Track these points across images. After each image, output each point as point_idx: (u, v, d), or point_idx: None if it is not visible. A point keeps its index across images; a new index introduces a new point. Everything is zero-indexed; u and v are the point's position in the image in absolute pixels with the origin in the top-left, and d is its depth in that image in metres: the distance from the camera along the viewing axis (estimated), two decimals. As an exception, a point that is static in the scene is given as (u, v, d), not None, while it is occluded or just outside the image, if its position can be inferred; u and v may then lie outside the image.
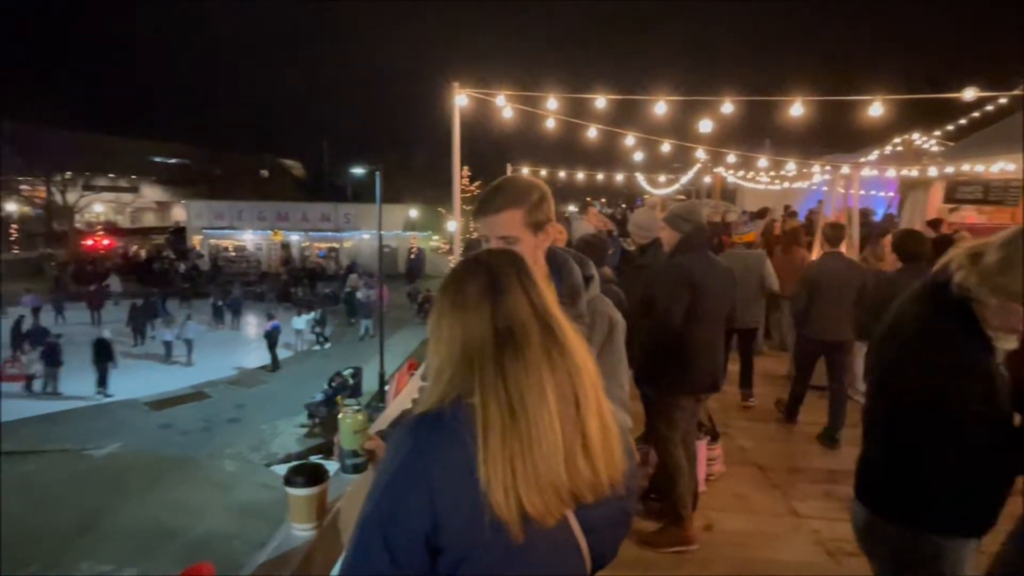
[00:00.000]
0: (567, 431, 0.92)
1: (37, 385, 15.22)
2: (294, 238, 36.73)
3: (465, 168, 28.88)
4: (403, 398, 2.80)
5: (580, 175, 12.25)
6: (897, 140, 9.37)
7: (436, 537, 0.88)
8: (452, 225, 27.48)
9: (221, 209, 38.18)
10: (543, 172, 10.72)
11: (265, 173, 54.22)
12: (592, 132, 5.47)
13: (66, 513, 9.76)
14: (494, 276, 1.00)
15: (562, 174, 11.97)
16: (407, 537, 0.88)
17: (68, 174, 44.96)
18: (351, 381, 14.69)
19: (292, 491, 1.50)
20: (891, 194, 10.36)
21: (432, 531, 0.87)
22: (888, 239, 5.29)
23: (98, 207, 49.56)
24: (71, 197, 45.43)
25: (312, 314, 20.64)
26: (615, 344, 1.57)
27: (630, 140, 5.97)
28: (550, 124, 5.22)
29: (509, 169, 10.62)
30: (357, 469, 1.66)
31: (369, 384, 15.60)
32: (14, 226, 38.81)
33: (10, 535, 8.86)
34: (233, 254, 37.12)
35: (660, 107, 4.90)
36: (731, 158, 10.73)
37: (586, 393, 0.96)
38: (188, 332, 18.26)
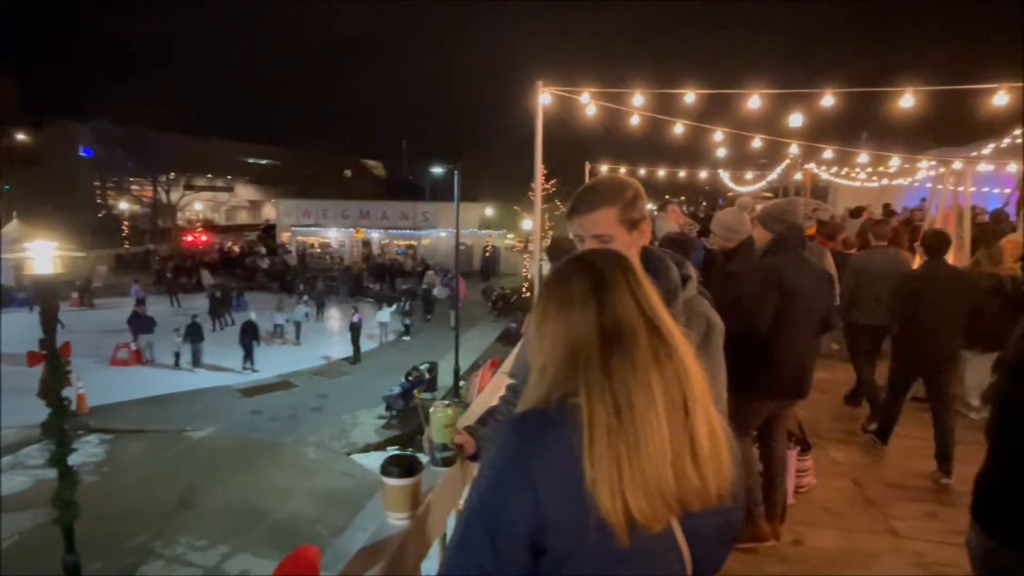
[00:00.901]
0: (675, 436, 0.90)
1: (185, 359, 17.24)
2: (374, 235, 37.97)
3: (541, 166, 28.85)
4: (487, 395, 2.81)
5: (660, 173, 11.95)
6: (1017, 131, 8.55)
7: (541, 536, 0.87)
8: (528, 224, 27.56)
9: (308, 207, 39.98)
10: (622, 170, 10.55)
11: (349, 173, 56.34)
12: (679, 128, 5.32)
13: (167, 489, 10.51)
14: (600, 275, 0.99)
15: (642, 172, 11.74)
16: (512, 534, 0.88)
17: (172, 175, 48.40)
18: (427, 376, 15.01)
19: (388, 481, 1.52)
20: (1007, 191, 9.48)
21: (537, 530, 0.87)
22: (1007, 241, 4.84)
23: (197, 205, 53.10)
24: (174, 196, 48.87)
25: (395, 306, 21.50)
26: (712, 347, 1.52)
27: (719, 136, 5.75)
28: (634, 121, 5.11)
29: (587, 167, 10.50)
30: (447, 462, 1.70)
31: (443, 379, 15.92)
32: (126, 223, 42.08)
33: (121, 507, 9.66)
34: (318, 250, 38.78)
35: (754, 101, 4.68)
36: (828, 153, 10.14)
37: (695, 398, 0.94)
38: (297, 315, 20.65)
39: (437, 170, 19.66)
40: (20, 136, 32.81)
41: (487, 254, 35.12)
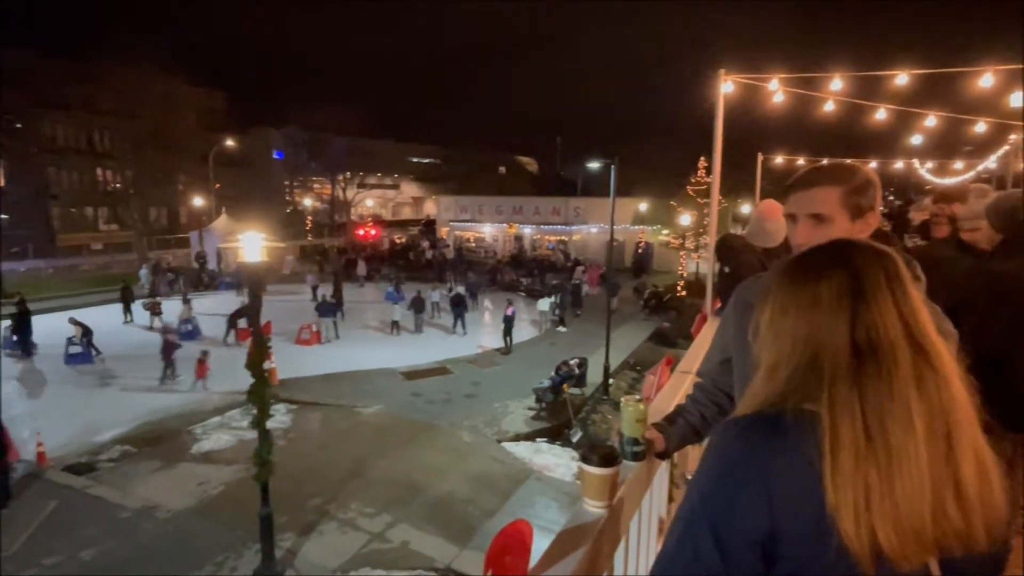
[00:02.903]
0: (935, 471, 0.81)
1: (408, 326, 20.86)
2: (527, 231, 38.83)
3: (702, 159, 27.57)
4: (668, 393, 2.72)
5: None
6: None
7: (773, 544, 0.83)
8: (685, 219, 26.54)
9: (465, 203, 41.89)
10: (801, 161, 9.70)
11: (503, 170, 58.15)
12: (880, 114, 4.74)
13: (341, 458, 11.58)
14: (857, 276, 0.89)
15: (824, 163, 10.69)
16: (741, 539, 0.84)
17: (347, 174, 53.23)
18: (577, 371, 15.03)
19: (589, 468, 1.54)
20: None
21: (769, 537, 0.83)
22: None
23: (368, 202, 57.87)
24: (349, 193, 53.70)
25: (553, 298, 22.00)
26: None
27: (931, 121, 5.05)
28: (828, 107, 4.64)
29: (760, 160, 9.80)
30: (636, 457, 1.70)
31: (593, 375, 15.86)
32: (309, 217, 47.00)
33: (300, 470, 10.79)
34: (473, 244, 40.48)
35: (986, 80, 4.03)
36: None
37: (961, 430, 0.83)
38: (399, 297, 22.84)
39: (593, 165, 19.55)
40: (229, 142, 37.99)
41: (639, 251, 34.39)
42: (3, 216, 34.75)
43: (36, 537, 8.78)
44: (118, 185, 38.38)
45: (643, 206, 35.29)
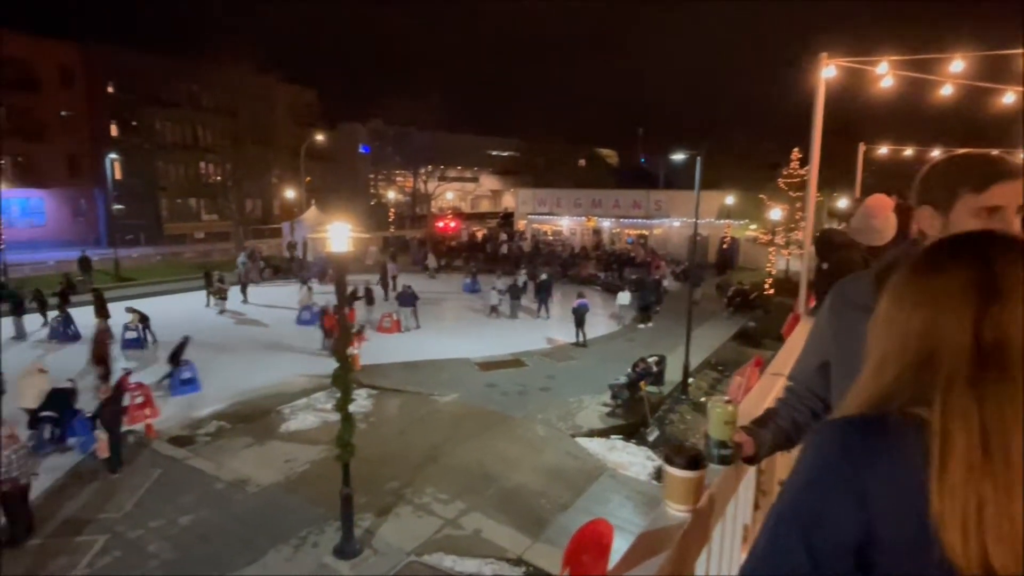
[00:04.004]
0: None
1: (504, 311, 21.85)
2: (605, 224, 38.31)
3: (795, 150, 26.18)
4: (756, 395, 2.59)
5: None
6: None
7: (869, 551, 0.79)
8: (776, 213, 25.26)
9: (543, 196, 41.82)
10: (908, 151, 8.97)
11: (582, 162, 57.65)
12: (1008, 98, 4.27)
13: (417, 444, 11.87)
14: (991, 271, 0.81)
15: (935, 154, 9.86)
16: (832, 545, 0.80)
17: (429, 167, 54.48)
18: (654, 369, 14.69)
19: (672, 470, 1.48)
20: None
21: (864, 544, 0.79)
22: None
23: (448, 195, 58.99)
24: (430, 186, 54.92)
25: (631, 292, 21.91)
26: None
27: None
28: (946, 91, 4.22)
29: (861, 150, 9.14)
30: (724, 460, 1.64)
31: (671, 374, 15.45)
32: (392, 210, 48.43)
33: (379, 453, 11.15)
34: (551, 237, 40.37)
35: None
36: None
37: None
38: (496, 282, 23.40)
39: (677, 157, 18.97)
40: (319, 137, 39.75)
41: (724, 246, 33.14)
42: (120, 207, 37.91)
43: (143, 501, 9.55)
44: (218, 178, 41.03)
45: (730, 199, 33.84)
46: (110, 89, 40.94)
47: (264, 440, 11.95)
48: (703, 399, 15.38)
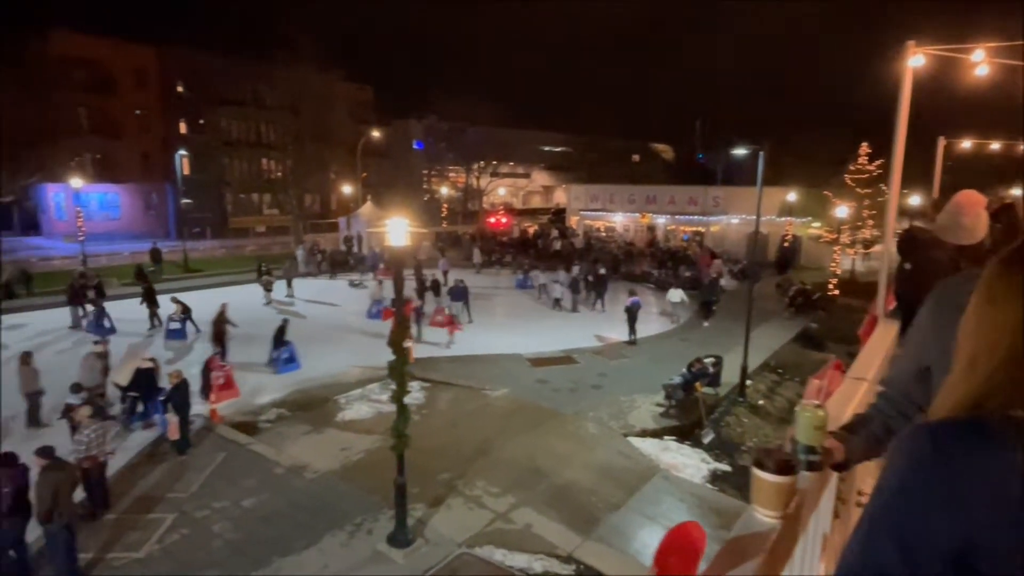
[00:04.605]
0: None
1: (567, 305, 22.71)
2: (660, 221, 37.66)
3: (864, 144, 25.04)
4: (839, 401, 2.50)
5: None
6: None
7: (971, 558, 0.76)
8: (842, 211, 24.19)
9: (596, 192, 41.45)
10: (995, 144, 8.40)
11: (636, 157, 56.85)
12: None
13: (469, 437, 11.96)
14: None
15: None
16: (930, 553, 0.77)
17: (481, 163, 54.82)
18: (711, 369, 14.33)
19: (763, 475, 1.43)
20: None
21: (964, 551, 0.76)
22: None
23: (500, 191, 59.19)
24: (482, 182, 55.25)
25: (681, 290, 21.67)
26: None
27: None
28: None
29: (941, 144, 8.62)
30: (812, 467, 1.58)
31: (727, 376, 15.04)
32: (445, 205, 48.99)
33: (431, 445, 11.28)
34: (603, 234, 39.97)
35: None
36: None
37: None
38: (559, 276, 24.31)
39: (739, 152, 18.37)
40: (375, 133, 40.54)
41: (785, 244, 32.03)
42: (188, 201, 39.69)
43: (208, 483, 9.97)
44: (279, 174, 42.42)
45: (792, 196, 32.66)
46: (180, 89, 42.92)
47: (321, 428, 12.28)
48: (761, 402, 14.92)
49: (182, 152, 36.10)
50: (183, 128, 43.05)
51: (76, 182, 27.87)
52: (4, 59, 24.35)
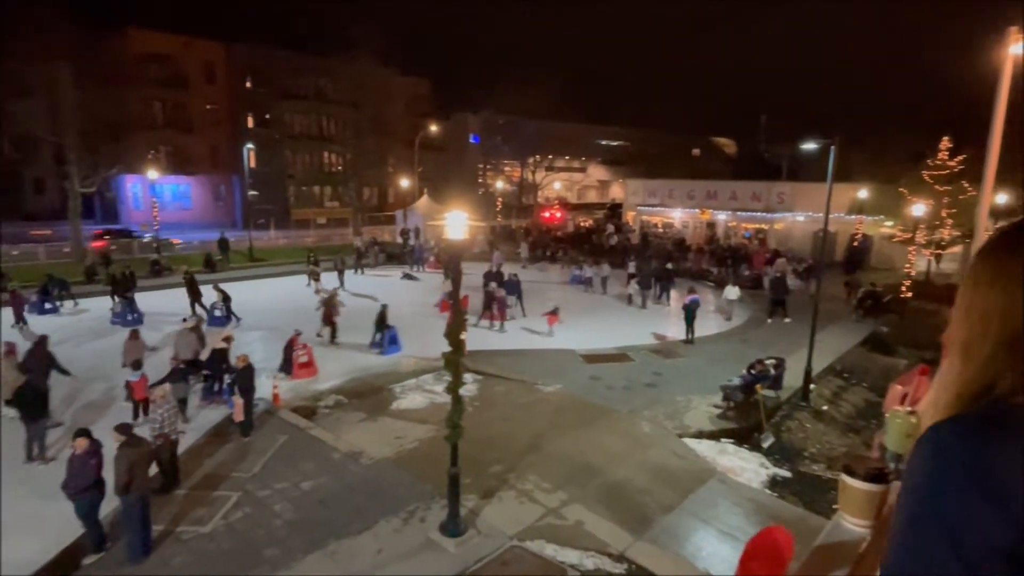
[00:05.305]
0: None
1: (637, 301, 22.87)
2: (721, 217, 36.64)
3: (945, 139, 23.63)
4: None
5: None
6: None
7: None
8: (919, 209, 22.90)
9: (653, 187, 40.69)
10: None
11: (696, 152, 55.52)
12: None
13: (521, 431, 11.96)
14: None
15: None
16: (984, 548, 0.73)
17: (537, 157, 54.69)
18: (772, 372, 13.84)
19: (853, 482, 1.34)
20: None
21: (1019, 543, 0.71)
22: None
23: (556, 185, 58.91)
24: (537, 176, 55.13)
25: (738, 287, 21.24)
26: None
27: None
28: None
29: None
30: (901, 475, 1.47)
31: (790, 379, 14.50)
32: (499, 199, 49.15)
33: (484, 437, 11.33)
34: (661, 230, 39.23)
35: None
36: None
37: None
38: (604, 271, 25.25)
39: (808, 146, 17.55)
40: (432, 127, 41.04)
41: (855, 243, 30.63)
42: (254, 192, 41.24)
43: (270, 464, 10.33)
44: (340, 167, 43.53)
45: (863, 193, 31.10)
46: (248, 84, 44.57)
47: (376, 416, 12.53)
48: (825, 407, 14.33)
49: (249, 145, 37.50)
50: (250, 122, 44.72)
51: (152, 174, 29.38)
52: (84, 56, 25.98)
